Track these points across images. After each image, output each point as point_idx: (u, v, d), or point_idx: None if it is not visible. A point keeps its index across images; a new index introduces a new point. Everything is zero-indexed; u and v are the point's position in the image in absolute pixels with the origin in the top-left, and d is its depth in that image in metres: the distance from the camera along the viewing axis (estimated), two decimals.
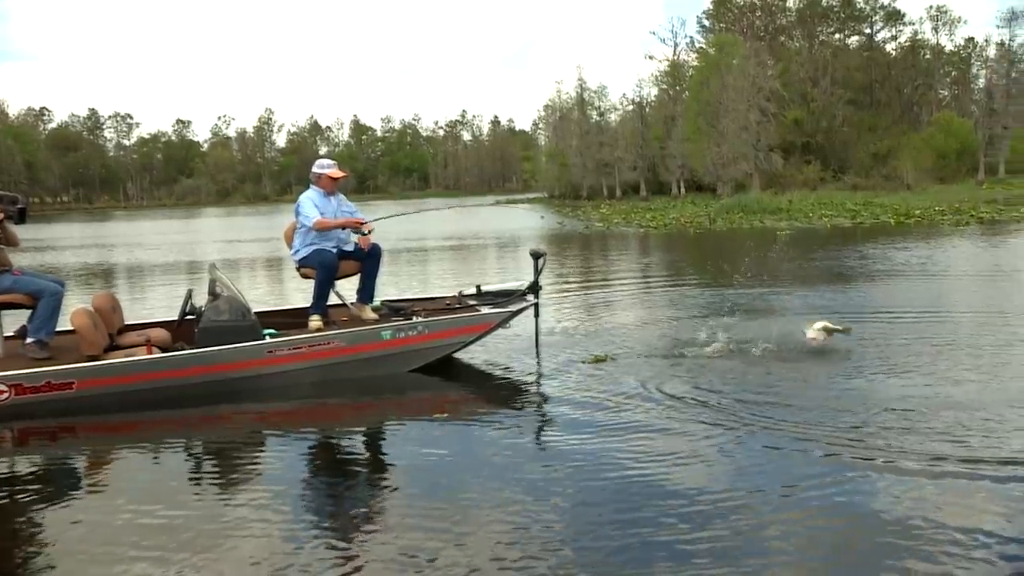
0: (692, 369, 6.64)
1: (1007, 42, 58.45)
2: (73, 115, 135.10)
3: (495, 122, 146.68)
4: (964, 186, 46.33)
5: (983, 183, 49.03)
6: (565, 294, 11.73)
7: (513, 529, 3.80)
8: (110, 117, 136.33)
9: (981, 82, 62.76)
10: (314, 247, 7.04)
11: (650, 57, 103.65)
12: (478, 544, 3.66)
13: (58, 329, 6.49)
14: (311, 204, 7.01)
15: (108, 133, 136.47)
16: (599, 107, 73.30)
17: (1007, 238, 19.14)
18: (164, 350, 6.47)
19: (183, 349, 6.45)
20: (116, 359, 6.21)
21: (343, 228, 7.13)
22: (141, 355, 6.26)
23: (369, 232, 7.15)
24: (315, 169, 7.26)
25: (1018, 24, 58.59)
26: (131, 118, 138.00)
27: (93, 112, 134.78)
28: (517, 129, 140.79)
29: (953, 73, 73.19)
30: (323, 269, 6.93)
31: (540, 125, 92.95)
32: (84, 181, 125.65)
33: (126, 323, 7.04)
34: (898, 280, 12.06)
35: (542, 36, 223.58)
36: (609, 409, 5.64)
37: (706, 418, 5.31)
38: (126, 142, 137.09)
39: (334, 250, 7.09)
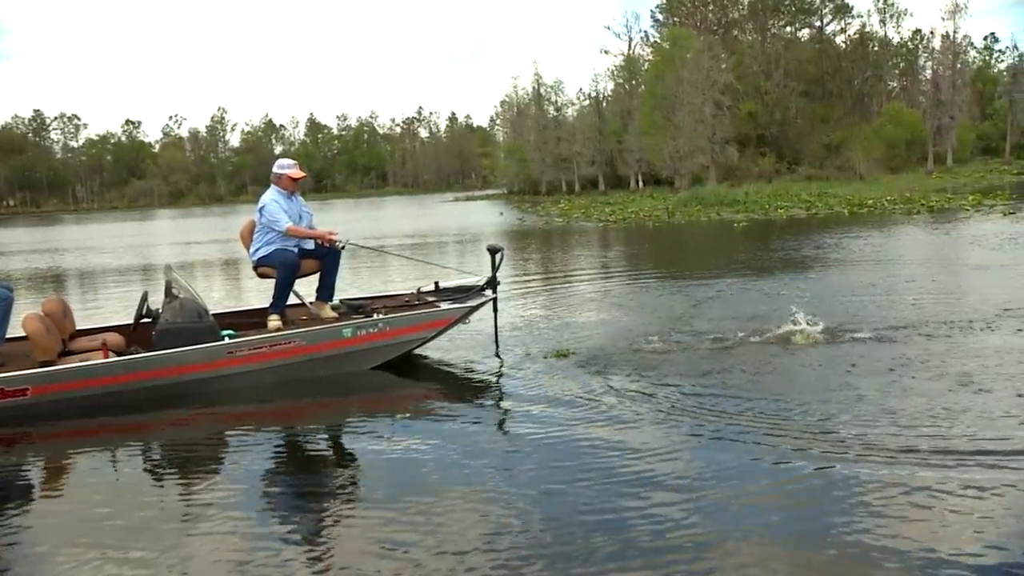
0: (653, 363, 6.68)
1: (951, 34, 59.87)
2: (16, 116, 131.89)
3: (452, 118, 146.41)
4: (914, 175, 47.35)
5: (932, 172, 50.21)
6: (526, 289, 11.76)
7: (478, 522, 3.81)
8: (56, 118, 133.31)
9: (928, 73, 64.16)
10: (275, 247, 6.99)
11: (605, 51, 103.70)
12: (444, 538, 3.66)
13: (8, 336, 6.35)
14: (279, 208, 6.96)
15: (55, 135, 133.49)
16: (556, 102, 73.53)
17: (957, 225, 19.62)
18: (119, 354, 6.36)
19: (138, 353, 6.35)
20: (72, 364, 6.09)
21: (313, 240, 7.10)
22: (97, 359, 6.15)
23: (342, 247, 7.13)
24: (275, 169, 7.19)
25: (961, 17, 60.08)
26: (78, 119, 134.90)
27: (38, 113, 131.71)
28: (475, 125, 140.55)
29: (901, 64, 74.72)
30: (285, 268, 6.88)
31: (498, 121, 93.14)
32: (31, 184, 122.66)
33: (78, 328, 6.91)
34: (854, 268, 12.30)
35: (498, 31, 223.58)
36: (570, 404, 5.66)
37: (668, 413, 5.35)
38: (74, 144, 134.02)
39: (295, 249, 7.04)
